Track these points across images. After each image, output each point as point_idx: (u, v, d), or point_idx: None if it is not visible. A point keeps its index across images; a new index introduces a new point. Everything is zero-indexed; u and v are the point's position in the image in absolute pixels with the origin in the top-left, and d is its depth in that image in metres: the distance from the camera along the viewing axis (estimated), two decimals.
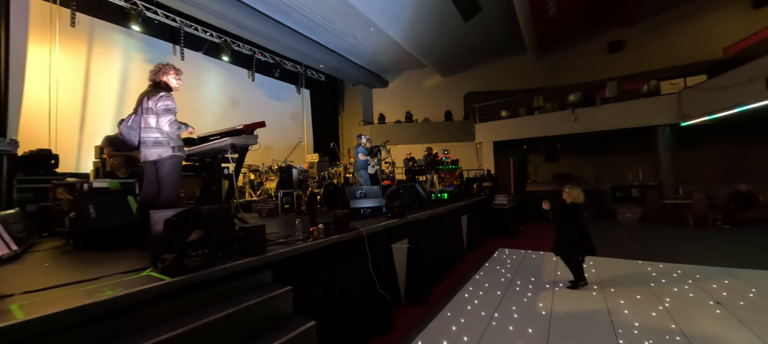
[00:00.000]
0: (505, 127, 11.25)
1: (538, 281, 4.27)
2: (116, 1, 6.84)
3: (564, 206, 3.96)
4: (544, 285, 4.12)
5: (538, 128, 10.55)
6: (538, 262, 5.18)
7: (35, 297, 1.48)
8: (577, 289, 3.89)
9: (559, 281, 4.19)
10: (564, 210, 3.95)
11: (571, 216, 3.88)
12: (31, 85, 5.69)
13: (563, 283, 4.07)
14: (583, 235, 3.84)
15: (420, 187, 5.73)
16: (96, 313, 1.35)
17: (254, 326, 1.81)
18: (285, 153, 7.33)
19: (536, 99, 11.23)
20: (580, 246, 3.85)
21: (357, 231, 2.91)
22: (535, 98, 11.28)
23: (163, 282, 1.61)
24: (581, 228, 3.84)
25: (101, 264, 2.10)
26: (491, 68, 13.09)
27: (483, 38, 11.11)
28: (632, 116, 9.05)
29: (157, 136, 2.63)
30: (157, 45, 7.74)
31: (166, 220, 1.85)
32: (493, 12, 9.77)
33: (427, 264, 4.08)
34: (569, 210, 3.91)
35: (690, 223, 7.90)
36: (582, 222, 3.85)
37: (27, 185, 4.04)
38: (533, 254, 5.68)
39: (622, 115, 9.17)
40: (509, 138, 11.10)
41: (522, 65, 12.64)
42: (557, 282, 4.15)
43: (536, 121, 10.66)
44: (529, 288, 4.01)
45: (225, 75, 9.36)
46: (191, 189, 4.94)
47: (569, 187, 3.98)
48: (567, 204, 3.93)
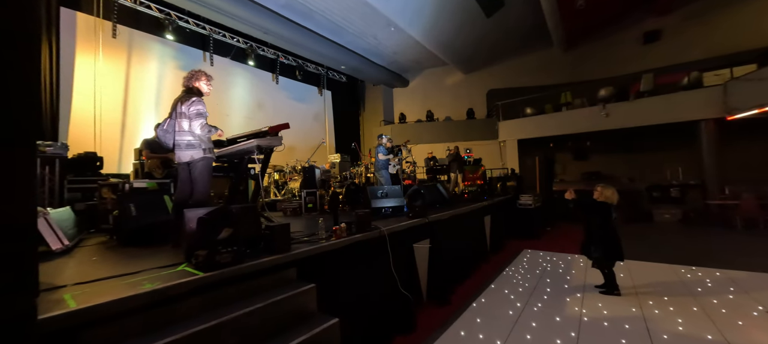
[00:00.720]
0: (530, 124, 10.88)
1: (566, 285, 4.11)
2: (152, 12, 7.27)
3: (592, 203, 3.73)
4: (573, 289, 3.94)
5: (566, 125, 10.11)
6: (566, 265, 4.97)
7: (84, 288, 1.61)
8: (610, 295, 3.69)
9: (589, 285, 4.00)
10: (592, 205, 3.72)
11: (600, 213, 3.66)
12: (78, 93, 6.18)
13: (594, 287, 3.88)
14: (611, 238, 3.61)
15: (442, 187, 5.67)
16: (138, 304, 1.46)
17: (280, 321, 1.87)
18: (308, 153, 7.49)
19: (563, 94, 10.78)
20: (604, 247, 3.63)
21: (379, 230, 2.93)
22: (562, 94, 10.82)
23: (196, 277, 1.71)
24: (610, 230, 3.62)
25: (141, 259, 2.25)
26: (515, 64, 12.70)
27: (506, 33, 10.80)
28: (671, 110, 8.47)
29: (190, 139, 2.78)
30: (189, 52, 8.16)
31: (199, 218, 1.95)
32: (516, 6, 9.48)
33: (449, 264, 4.04)
34: (598, 207, 3.69)
35: (738, 226, 7.29)
36: (612, 223, 3.62)
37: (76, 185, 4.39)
38: (561, 256, 5.47)
39: (659, 110, 8.60)
40: (534, 136, 10.72)
41: (547, 60, 12.16)
42: (587, 287, 3.96)
43: (564, 118, 10.22)
44: (557, 292, 3.86)
45: (251, 79, 9.71)
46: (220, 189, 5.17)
47: (601, 186, 3.75)
48: (597, 203, 3.72)
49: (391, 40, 10.29)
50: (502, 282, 4.33)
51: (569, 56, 11.89)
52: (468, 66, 12.77)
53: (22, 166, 0.96)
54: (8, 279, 0.92)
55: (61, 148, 4.41)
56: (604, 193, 3.68)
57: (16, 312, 0.94)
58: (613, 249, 3.60)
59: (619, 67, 10.84)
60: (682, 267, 4.60)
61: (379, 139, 6.35)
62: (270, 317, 1.82)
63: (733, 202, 7.68)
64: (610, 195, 3.66)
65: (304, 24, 8.78)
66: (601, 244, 3.64)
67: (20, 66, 0.96)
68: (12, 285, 0.93)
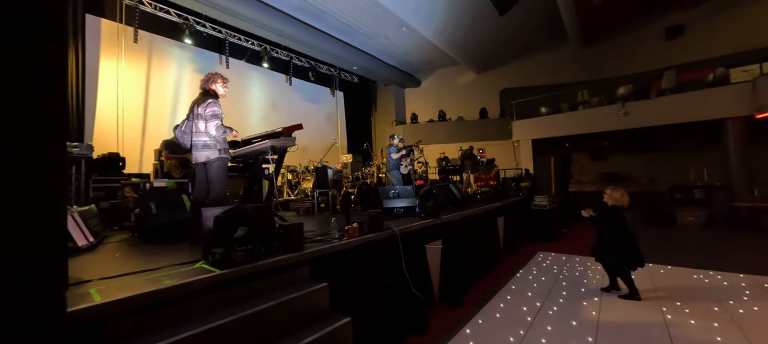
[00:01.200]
0: (545, 123, 10.65)
1: (582, 288, 4.00)
2: (171, 17, 7.51)
3: (605, 210, 3.62)
4: (591, 292, 3.84)
5: (583, 124, 9.85)
6: (582, 268, 4.85)
7: (108, 283, 1.68)
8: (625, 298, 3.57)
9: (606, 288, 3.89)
10: (605, 215, 3.61)
11: (613, 221, 3.54)
12: (102, 96, 6.44)
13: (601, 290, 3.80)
14: (626, 242, 3.47)
15: (454, 187, 5.62)
16: (158, 300, 1.51)
17: (294, 319, 1.90)
18: (320, 154, 7.57)
19: (580, 93, 10.50)
20: (622, 254, 3.49)
21: (391, 230, 2.93)
22: (578, 92, 10.55)
23: (213, 274, 1.75)
24: (625, 235, 3.49)
25: (161, 256, 2.32)
26: (529, 63, 12.47)
27: (520, 32, 10.61)
28: (695, 109, 8.12)
29: (206, 140, 2.86)
30: (206, 55, 8.38)
31: (216, 217, 2.01)
32: (530, 3, 9.30)
33: (462, 265, 4.00)
34: (610, 214, 3.57)
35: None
36: (625, 227, 3.49)
37: (100, 184, 4.58)
38: (577, 259, 5.33)
39: (682, 108, 8.27)
40: (549, 135, 10.49)
41: (563, 58, 11.88)
42: (605, 290, 3.85)
43: (580, 117, 9.96)
44: (573, 296, 3.77)
45: (265, 80, 9.89)
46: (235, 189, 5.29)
47: (610, 189, 3.65)
48: (608, 208, 3.60)
49: (403, 40, 10.27)
50: (516, 284, 4.26)
51: (586, 53, 11.58)
52: (481, 65, 12.62)
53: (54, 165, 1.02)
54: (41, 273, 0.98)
55: (86, 149, 4.61)
56: (613, 196, 3.58)
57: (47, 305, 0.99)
58: (633, 255, 3.47)
59: (638, 64, 10.49)
60: (708, 272, 4.41)
61: (391, 139, 6.36)
62: (284, 315, 1.85)
63: (762, 205, 7.30)
64: (620, 197, 3.55)
65: (316, 26, 8.87)
66: (619, 252, 3.51)
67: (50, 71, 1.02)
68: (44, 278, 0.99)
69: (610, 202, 3.60)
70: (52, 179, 1.01)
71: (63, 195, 1.06)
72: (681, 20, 10.20)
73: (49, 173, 1.01)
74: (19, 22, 0.94)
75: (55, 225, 1.04)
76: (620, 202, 3.55)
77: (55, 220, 1.04)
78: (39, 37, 1.00)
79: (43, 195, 1.00)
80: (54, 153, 1.03)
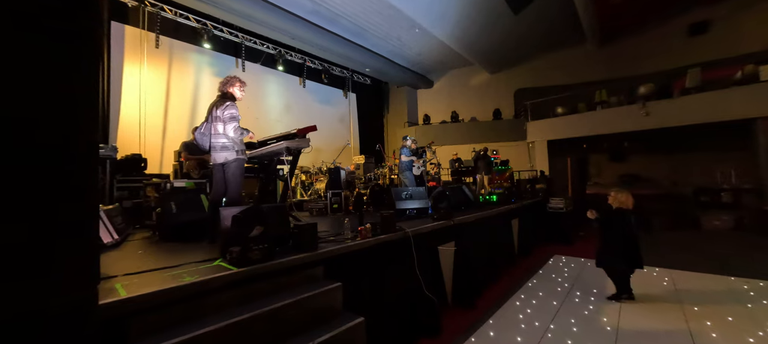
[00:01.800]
0: (561, 124, 10.41)
1: (601, 293, 3.88)
2: (191, 23, 7.75)
3: (609, 213, 3.59)
4: (609, 298, 3.73)
5: (601, 125, 9.57)
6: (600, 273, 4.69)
7: (132, 279, 1.75)
8: (619, 301, 3.55)
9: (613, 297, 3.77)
10: (609, 217, 3.59)
11: (617, 223, 3.52)
12: (126, 99, 6.71)
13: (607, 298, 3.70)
14: (628, 245, 3.46)
15: (467, 189, 5.57)
16: (179, 295, 1.56)
17: (308, 317, 1.93)
18: (333, 155, 7.64)
19: (598, 93, 10.21)
20: (624, 257, 3.47)
21: (403, 231, 2.94)
22: (596, 92, 10.26)
23: (231, 271, 1.80)
24: (627, 237, 3.46)
25: (181, 254, 2.40)
26: (544, 62, 12.22)
27: (534, 31, 10.42)
28: (721, 108, 7.77)
29: (224, 142, 2.94)
30: (223, 59, 8.61)
31: (233, 216, 2.06)
32: (546, 1, 9.12)
33: (475, 268, 3.96)
34: (614, 216, 3.54)
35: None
36: (629, 230, 3.47)
37: (124, 184, 4.77)
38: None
39: (707, 107, 7.92)
40: (566, 136, 10.24)
41: (580, 57, 11.59)
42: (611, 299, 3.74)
43: (598, 117, 9.69)
44: (591, 301, 3.67)
45: (279, 83, 10.07)
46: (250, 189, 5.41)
47: (615, 191, 3.63)
48: (613, 210, 3.57)
49: (416, 41, 10.26)
50: (531, 288, 4.18)
51: (604, 52, 11.26)
52: (494, 65, 12.47)
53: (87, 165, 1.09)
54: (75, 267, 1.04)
55: (111, 150, 4.81)
56: (618, 198, 3.54)
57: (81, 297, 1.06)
58: (633, 257, 3.46)
59: (660, 62, 10.12)
60: (735, 279, 4.21)
61: (404, 140, 6.35)
62: (298, 313, 1.88)
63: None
64: (625, 199, 3.52)
65: (329, 28, 8.97)
66: (622, 254, 3.48)
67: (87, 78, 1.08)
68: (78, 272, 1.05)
69: (614, 205, 3.57)
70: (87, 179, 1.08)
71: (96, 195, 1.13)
72: (706, 16, 9.79)
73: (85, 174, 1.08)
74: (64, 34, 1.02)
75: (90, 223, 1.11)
76: (625, 205, 3.52)
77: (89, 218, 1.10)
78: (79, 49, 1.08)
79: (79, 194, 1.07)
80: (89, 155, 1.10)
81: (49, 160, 1.01)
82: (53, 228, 1.01)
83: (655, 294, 3.77)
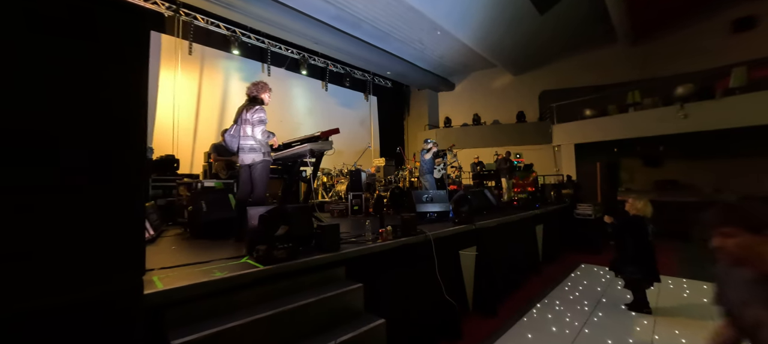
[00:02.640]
0: (590, 127, 9.98)
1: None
2: (221, 30, 8.14)
3: (626, 219, 3.52)
4: (626, 306, 3.59)
5: (634, 128, 9.09)
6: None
7: (168, 273, 1.85)
8: (639, 313, 3.41)
9: (662, 308, 3.55)
10: (625, 224, 3.51)
11: (633, 230, 3.43)
12: (160, 102, 7.14)
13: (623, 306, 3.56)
14: (643, 254, 3.35)
15: (489, 193, 5.46)
16: (210, 290, 1.64)
17: (330, 317, 1.96)
18: (354, 157, 7.73)
19: (631, 94, 9.72)
20: (638, 265, 3.37)
21: (424, 234, 2.93)
22: (629, 93, 9.77)
23: (257, 269, 1.87)
24: (642, 246, 3.37)
25: (210, 250, 2.52)
26: (571, 63, 11.79)
27: (561, 30, 10.09)
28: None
29: (252, 144, 3.06)
30: (250, 64, 8.96)
31: (260, 216, 2.14)
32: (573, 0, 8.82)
33: (497, 274, 3.87)
34: (631, 223, 3.46)
35: None
36: (645, 238, 3.37)
37: (158, 183, 5.06)
38: None
39: (754, 109, 7.32)
40: (595, 139, 9.80)
41: (610, 57, 11.09)
42: (660, 309, 3.52)
43: (631, 120, 9.21)
44: (622, 313, 3.49)
45: (303, 86, 10.34)
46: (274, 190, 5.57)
47: (633, 198, 3.58)
48: (629, 217, 3.49)
49: (437, 44, 10.21)
50: (555, 297, 4.02)
51: (637, 51, 10.71)
52: (518, 67, 12.17)
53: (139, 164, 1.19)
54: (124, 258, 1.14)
55: (148, 152, 5.12)
56: (636, 205, 3.47)
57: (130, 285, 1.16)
58: (648, 267, 3.35)
59: (700, 61, 9.49)
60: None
61: (425, 143, 6.33)
62: (321, 312, 1.92)
63: None
64: (643, 207, 3.44)
65: (352, 33, 9.11)
66: (636, 263, 3.38)
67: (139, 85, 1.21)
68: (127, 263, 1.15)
69: (632, 211, 3.51)
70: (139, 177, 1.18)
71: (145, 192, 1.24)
72: (752, 11, 9.09)
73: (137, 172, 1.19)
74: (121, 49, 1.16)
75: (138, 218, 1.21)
76: (642, 212, 3.44)
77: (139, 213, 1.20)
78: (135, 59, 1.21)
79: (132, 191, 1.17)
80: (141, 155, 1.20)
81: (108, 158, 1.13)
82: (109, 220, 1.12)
83: (694, 309, 3.53)
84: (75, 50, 1.05)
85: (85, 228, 1.09)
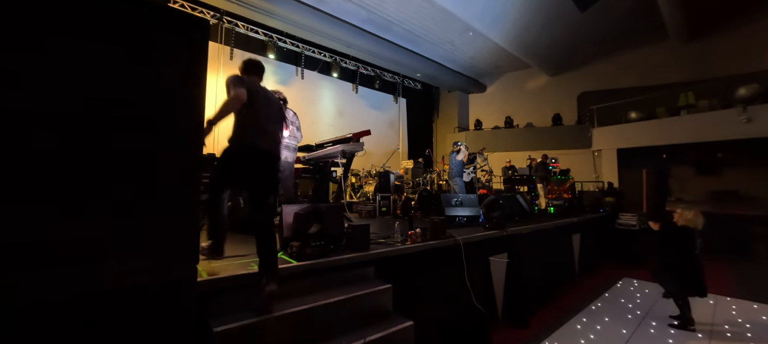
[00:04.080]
0: (635, 131, 9.30)
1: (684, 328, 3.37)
2: (259, 36, 8.58)
3: (671, 228, 3.34)
4: (671, 318, 3.35)
5: (687, 132, 8.35)
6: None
7: (210, 263, 1.98)
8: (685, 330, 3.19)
9: (717, 329, 3.23)
10: (672, 233, 3.33)
11: (679, 240, 3.25)
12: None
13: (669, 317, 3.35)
14: (688, 268, 3.15)
15: (522, 198, 5.26)
16: (248, 282, 1.73)
17: (359, 315, 1.99)
18: (382, 159, 7.78)
19: (684, 95, 8.93)
20: (681, 278, 3.18)
21: (453, 239, 2.88)
22: (681, 95, 8.99)
23: (292, 264, 1.95)
24: (689, 258, 3.18)
25: (247, 244, 2.64)
26: (614, 62, 11.05)
27: (603, 28, 9.47)
28: None
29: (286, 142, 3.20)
30: (285, 68, 9.34)
31: (295, 214, 2.22)
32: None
33: (529, 283, 3.72)
34: (678, 233, 3.28)
35: None
36: (692, 251, 3.19)
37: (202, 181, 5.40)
38: None
39: None
40: (641, 144, 9.12)
41: (659, 55, 10.26)
42: (716, 332, 3.20)
43: (683, 123, 8.46)
44: (670, 334, 3.21)
45: (334, 89, 10.59)
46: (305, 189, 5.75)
47: (682, 208, 3.42)
48: (677, 227, 3.31)
49: (469, 45, 10.02)
50: (593, 311, 3.79)
51: (690, 48, 9.82)
52: (555, 67, 11.63)
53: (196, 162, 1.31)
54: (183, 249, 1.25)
55: None
56: (684, 215, 3.30)
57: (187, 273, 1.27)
58: (693, 281, 3.14)
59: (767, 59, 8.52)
60: None
61: (456, 145, 6.23)
62: (351, 309, 1.95)
63: None
64: (692, 218, 3.25)
65: (383, 36, 9.20)
66: (678, 273, 3.20)
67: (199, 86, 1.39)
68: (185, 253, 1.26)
69: (681, 222, 3.32)
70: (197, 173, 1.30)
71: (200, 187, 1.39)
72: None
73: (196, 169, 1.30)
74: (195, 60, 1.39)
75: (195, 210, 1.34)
76: (692, 224, 3.26)
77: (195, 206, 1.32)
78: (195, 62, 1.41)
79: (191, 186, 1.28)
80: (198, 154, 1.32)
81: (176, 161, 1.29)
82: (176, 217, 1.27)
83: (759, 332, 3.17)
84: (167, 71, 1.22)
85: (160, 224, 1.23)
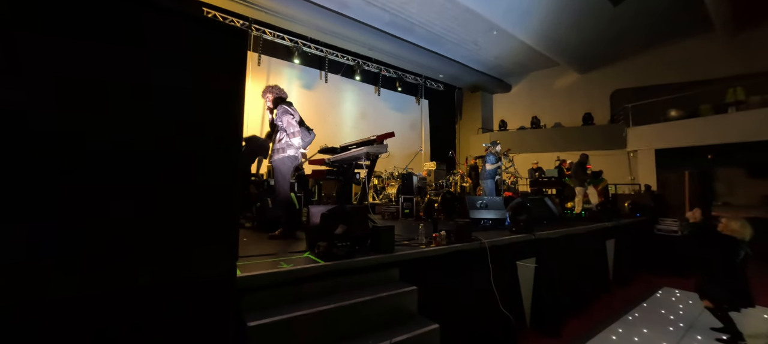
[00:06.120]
0: (676, 130, 8.71)
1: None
2: (285, 42, 8.86)
3: (712, 232, 3.21)
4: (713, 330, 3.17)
5: (736, 131, 7.71)
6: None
7: (243, 262, 2.06)
8: None
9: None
10: (710, 237, 3.20)
11: (721, 248, 3.08)
12: None
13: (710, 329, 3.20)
14: (733, 278, 3.06)
15: (550, 201, 5.07)
16: (279, 280, 1.80)
17: (384, 316, 2.00)
18: (405, 161, 7.78)
19: (732, 91, 8.28)
20: (727, 288, 3.01)
21: (479, 242, 2.83)
22: (729, 90, 8.34)
23: (318, 264, 1.99)
24: (734, 268, 3.01)
25: (275, 244, 2.74)
26: (651, 58, 10.40)
27: (639, 22, 8.94)
28: None
29: None
30: (309, 72, 9.59)
31: (322, 214, 2.28)
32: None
33: (559, 290, 3.57)
34: (718, 240, 3.12)
35: None
36: (737, 261, 3.07)
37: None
38: None
39: None
40: (682, 144, 8.53)
41: (702, 49, 9.54)
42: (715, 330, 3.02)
43: (731, 121, 7.84)
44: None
45: (356, 91, 10.74)
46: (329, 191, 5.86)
47: (727, 218, 3.23)
48: (718, 234, 3.17)
49: (493, 44, 9.82)
50: (630, 322, 3.58)
51: (739, 41, 9.07)
52: (585, 64, 11.13)
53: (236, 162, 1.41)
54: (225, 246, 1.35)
55: None
56: (730, 226, 3.13)
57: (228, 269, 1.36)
58: (739, 292, 2.98)
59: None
60: None
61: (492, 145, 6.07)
62: (377, 310, 1.97)
63: None
64: (738, 228, 3.08)
65: (405, 38, 9.22)
66: (721, 284, 3.04)
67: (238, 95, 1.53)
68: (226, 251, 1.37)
69: (724, 231, 3.16)
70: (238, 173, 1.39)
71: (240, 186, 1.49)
72: None
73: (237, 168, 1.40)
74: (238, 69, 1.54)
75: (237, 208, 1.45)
76: (739, 234, 3.07)
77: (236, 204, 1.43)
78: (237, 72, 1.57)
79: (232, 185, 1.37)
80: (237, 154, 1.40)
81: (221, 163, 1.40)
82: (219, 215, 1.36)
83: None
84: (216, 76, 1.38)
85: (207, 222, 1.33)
